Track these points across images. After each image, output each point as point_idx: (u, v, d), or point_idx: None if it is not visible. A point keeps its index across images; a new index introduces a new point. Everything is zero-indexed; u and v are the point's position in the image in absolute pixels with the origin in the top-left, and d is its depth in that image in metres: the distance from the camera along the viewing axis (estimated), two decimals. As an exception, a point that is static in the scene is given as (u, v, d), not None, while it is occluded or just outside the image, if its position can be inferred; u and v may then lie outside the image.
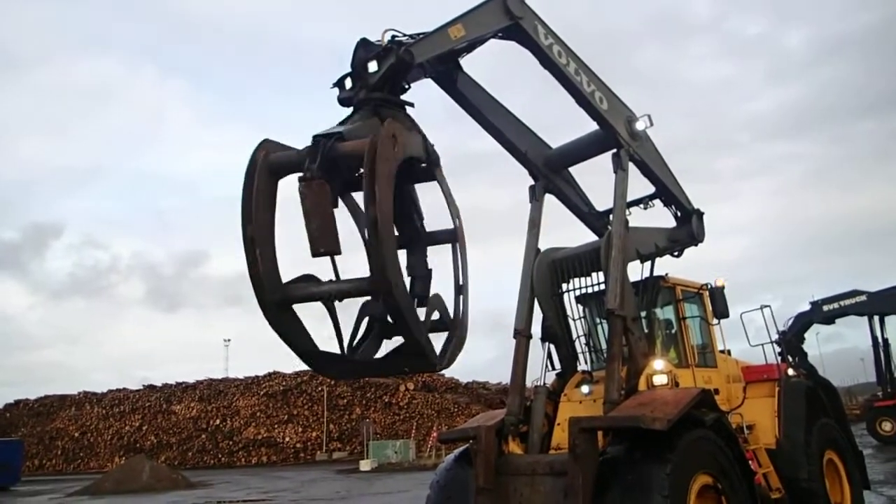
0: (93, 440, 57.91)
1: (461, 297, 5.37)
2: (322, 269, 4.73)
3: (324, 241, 4.44)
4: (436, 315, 5.23)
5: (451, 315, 5.29)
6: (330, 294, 4.65)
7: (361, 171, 4.65)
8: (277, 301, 4.60)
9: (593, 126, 8.42)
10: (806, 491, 8.00)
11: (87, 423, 58.87)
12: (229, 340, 69.64)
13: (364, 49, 5.54)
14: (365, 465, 35.87)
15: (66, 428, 59.30)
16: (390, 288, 4.35)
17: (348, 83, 5.57)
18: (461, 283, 5.39)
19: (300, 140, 4.82)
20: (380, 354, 5.01)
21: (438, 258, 5.57)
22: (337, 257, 4.71)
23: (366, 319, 4.98)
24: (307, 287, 4.67)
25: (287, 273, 4.77)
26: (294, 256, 4.83)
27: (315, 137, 4.64)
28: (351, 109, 5.49)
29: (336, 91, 5.66)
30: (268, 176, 4.67)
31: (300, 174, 4.50)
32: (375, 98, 5.36)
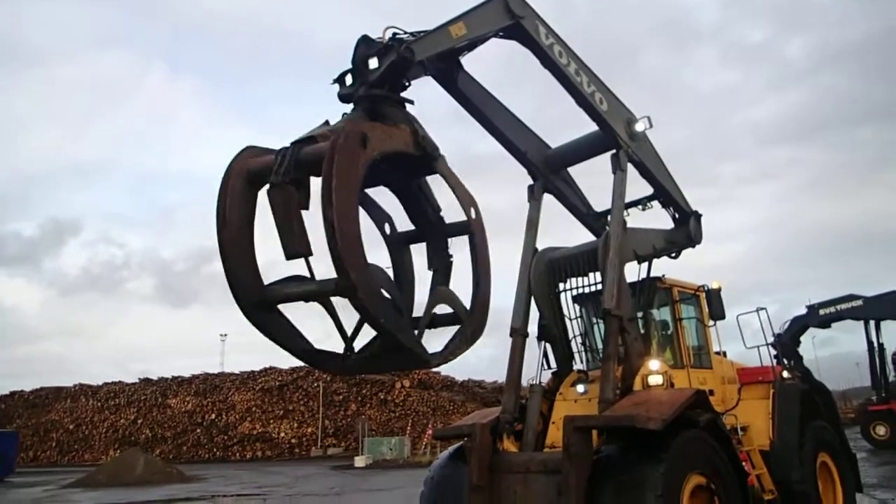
0: (87, 433, 57.95)
1: (477, 289, 5.37)
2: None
3: (294, 245, 4.60)
4: (446, 308, 5.29)
5: (466, 308, 5.30)
6: (302, 295, 4.76)
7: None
8: (255, 303, 4.72)
9: (594, 127, 8.45)
10: (799, 493, 8.03)
11: (82, 416, 58.92)
12: (226, 335, 69.78)
13: (365, 45, 5.55)
14: (360, 461, 35.87)
15: (61, 420, 59.34)
16: (355, 289, 4.39)
17: (349, 79, 5.58)
18: (478, 275, 5.41)
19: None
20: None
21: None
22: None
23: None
24: (283, 288, 4.78)
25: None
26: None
27: (291, 144, 4.79)
28: (351, 106, 5.51)
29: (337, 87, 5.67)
30: (244, 182, 4.81)
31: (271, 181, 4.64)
32: (375, 94, 5.37)
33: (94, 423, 58.17)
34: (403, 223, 5.80)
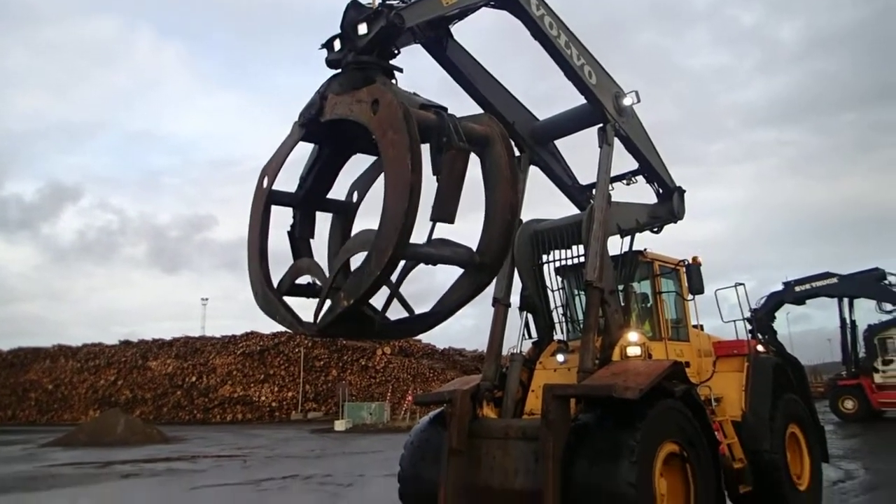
0: (67, 393, 57.83)
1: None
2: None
3: (449, 210, 4.60)
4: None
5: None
6: (437, 258, 4.73)
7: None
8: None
9: (583, 101, 8.46)
10: (767, 462, 8.28)
11: (60, 376, 58.71)
12: (207, 300, 69.84)
13: (354, 10, 5.47)
14: (340, 425, 36.28)
15: (40, 380, 59.12)
16: (496, 269, 4.76)
17: (337, 45, 5.51)
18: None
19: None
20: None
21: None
22: None
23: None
24: (421, 248, 4.64)
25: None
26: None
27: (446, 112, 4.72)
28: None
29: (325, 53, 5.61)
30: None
31: (445, 140, 4.50)
32: (363, 61, 5.32)
33: (74, 384, 58.03)
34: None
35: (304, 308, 4.97)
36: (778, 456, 8.44)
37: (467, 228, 4.85)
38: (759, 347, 9.74)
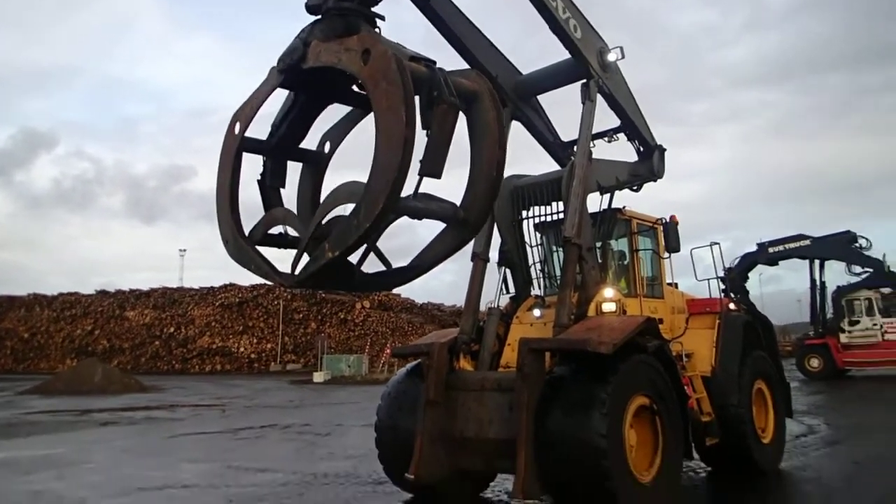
0: (43, 342, 57.61)
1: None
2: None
3: (437, 166, 4.55)
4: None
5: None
6: (423, 212, 4.72)
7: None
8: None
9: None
10: (734, 416, 8.54)
11: (37, 325, 58.37)
12: (185, 251, 69.45)
13: (337, -46, 5.32)
14: (318, 377, 36.65)
15: (16, 328, 58.74)
16: (479, 227, 4.84)
17: None
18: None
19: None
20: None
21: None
22: None
23: None
24: (412, 203, 4.64)
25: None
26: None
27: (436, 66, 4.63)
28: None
29: None
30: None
31: (436, 94, 4.43)
32: (344, 7, 5.19)
33: (50, 333, 57.78)
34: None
35: (277, 260, 4.94)
36: (744, 410, 8.69)
37: (447, 184, 4.84)
38: (731, 306, 9.92)
